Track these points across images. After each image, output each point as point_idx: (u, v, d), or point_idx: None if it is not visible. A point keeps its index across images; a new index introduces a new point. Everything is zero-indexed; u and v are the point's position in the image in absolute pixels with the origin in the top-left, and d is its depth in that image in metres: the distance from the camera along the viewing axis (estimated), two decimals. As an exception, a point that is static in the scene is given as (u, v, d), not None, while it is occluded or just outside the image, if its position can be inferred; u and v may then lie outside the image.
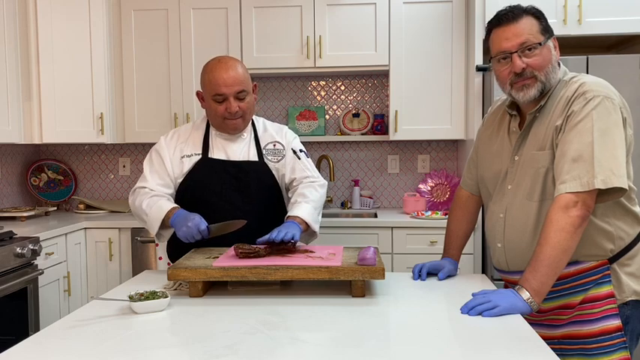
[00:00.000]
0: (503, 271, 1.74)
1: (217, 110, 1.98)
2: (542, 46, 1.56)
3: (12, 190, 3.57)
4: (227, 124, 2.01)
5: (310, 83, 3.73)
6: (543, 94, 1.59)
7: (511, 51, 1.57)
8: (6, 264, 2.41)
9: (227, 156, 2.05)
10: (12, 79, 3.01)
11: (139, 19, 3.43)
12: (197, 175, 2.03)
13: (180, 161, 2.04)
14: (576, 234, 1.46)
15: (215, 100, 1.97)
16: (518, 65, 1.56)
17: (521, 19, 1.57)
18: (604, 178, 1.44)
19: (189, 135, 2.09)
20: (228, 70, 1.95)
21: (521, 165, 1.63)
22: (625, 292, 1.56)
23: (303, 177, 2.10)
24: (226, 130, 2.04)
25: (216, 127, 2.06)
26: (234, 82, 1.94)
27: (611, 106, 1.49)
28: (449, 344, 1.27)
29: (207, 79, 1.97)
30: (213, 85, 1.95)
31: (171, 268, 1.64)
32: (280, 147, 2.12)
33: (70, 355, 1.22)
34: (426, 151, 3.67)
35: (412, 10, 3.27)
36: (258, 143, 2.10)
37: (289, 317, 1.44)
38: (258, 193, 2.05)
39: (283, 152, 2.11)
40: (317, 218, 2.03)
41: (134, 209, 2.05)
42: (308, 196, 2.02)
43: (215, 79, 1.94)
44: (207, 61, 2.02)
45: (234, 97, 1.96)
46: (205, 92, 2.01)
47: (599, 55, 2.79)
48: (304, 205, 1.99)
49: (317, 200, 2.04)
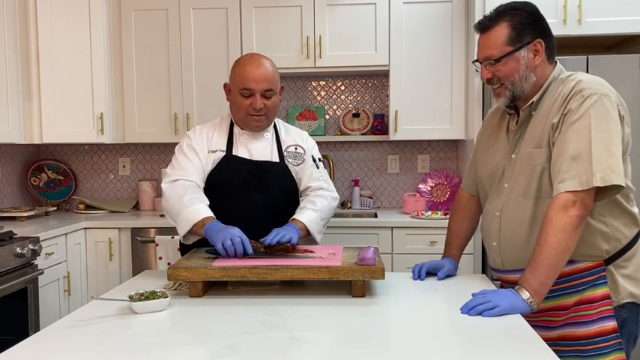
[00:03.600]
0: (499, 270, 1.74)
1: (242, 104, 1.99)
2: (507, 58, 1.58)
3: (12, 190, 3.57)
4: (250, 119, 2.01)
5: (310, 83, 3.73)
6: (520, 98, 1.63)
7: (480, 60, 1.64)
8: (6, 264, 2.41)
9: (250, 154, 2.06)
10: (12, 79, 3.01)
11: (139, 19, 3.43)
12: (220, 172, 2.03)
13: (207, 155, 2.04)
14: (575, 233, 1.46)
15: (242, 94, 1.98)
16: (484, 75, 1.65)
17: (493, 29, 1.60)
18: (602, 176, 1.44)
19: (215, 131, 2.09)
20: (260, 67, 1.97)
21: (517, 163, 1.63)
22: (621, 294, 1.56)
23: (318, 187, 2.12)
24: (248, 127, 2.05)
25: (239, 122, 2.07)
26: (264, 79, 1.96)
27: (609, 104, 1.49)
28: (449, 344, 1.27)
29: (238, 72, 1.99)
30: (243, 79, 1.97)
31: (171, 268, 1.64)
32: (301, 151, 2.13)
33: (70, 355, 1.22)
34: (426, 151, 3.67)
35: (412, 10, 3.27)
36: (279, 145, 2.10)
37: (289, 317, 1.44)
38: (278, 194, 2.05)
39: (304, 156, 2.12)
40: (321, 228, 2.04)
41: (167, 200, 1.95)
42: (317, 204, 2.04)
43: (245, 73, 1.96)
44: (240, 56, 2.06)
45: (261, 94, 1.97)
46: (233, 85, 2.02)
47: (599, 55, 2.79)
48: (310, 212, 2.00)
49: (325, 211, 2.05)
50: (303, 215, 1.98)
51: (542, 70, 1.61)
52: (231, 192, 2.02)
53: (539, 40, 1.59)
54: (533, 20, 1.59)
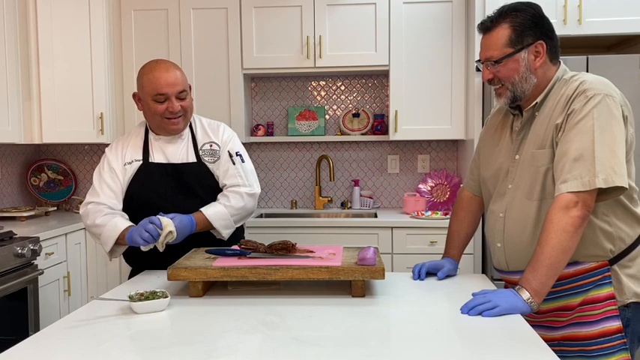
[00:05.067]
0: (503, 271, 1.74)
1: (157, 110, 1.98)
2: (507, 59, 1.58)
3: (12, 190, 3.56)
4: (167, 123, 2.00)
5: (310, 83, 3.73)
6: (520, 99, 1.63)
7: (482, 61, 1.65)
8: (6, 264, 2.41)
9: (166, 159, 2.05)
10: (12, 79, 3.01)
11: (139, 19, 3.43)
12: (139, 181, 2.03)
13: (124, 169, 2.04)
14: (576, 234, 1.46)
15: (156, 100, 1.97)
16: (485, 75, 1.66)
17: (494, 30, 1.61)
18: (605, 177, 1.44)
19: (129, 142, 2.09)
20: (169, 71, 1.98)
21: (521, 164, 1.63)
22: (626, 294, 1.56)
23: (233, 184, 2.07)
24: (166, 131, 2.04)
25: (155, 128, 2.06)
26: (176, 82, 1.97)
27: (612, 104, 1.49)
28: (449, 344, 1.27)
29: (147, 79, 1.98)
30: (155, 85, 1.96)
31: (172, 268, 1.64)
32: (216, 147, 2.09)
33: (70, 355, 1.22)
34: (426, 151, 3.67)
35: (412, 10, 3.27)
36: (195, 144, 2.09)
37: (289, 317, 1.44)
38: (200, 194, 2.05)
39: (219, 153, 2.09)
40: (230, 224, 2.03)
41: (87, 226, 2.02)
42: (231, 200, 2.03)
43: (156, 78, 1.96)
44: (144, 64, 2.04)
45: (176, 96, 1.97)
46: (144, 93, 2.00)
47: (599, 55, 2.79)
48: (220, 207, 2.00)
49: (238, 207, 2.03)
50: (210, 209, 1.99)
51: (544, 71, 1.61)
52: (154, 198, 2.01)
53: (540, 42, 1.58)
54: (535, 22, 1.59)
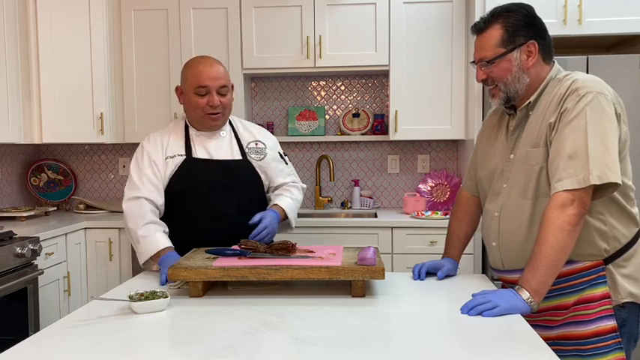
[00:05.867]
0: (499, 270, 1.75)
1: (198, 104, 2.02)
2: (499, 59, 1.60)
3: (12, 190, 3.57)
4: (206, 118, 2.04)
5: (310, 83, 3.73)
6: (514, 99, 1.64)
7: (475, 62, 1.67)
8: (6, 264, 2.41)
9: (210, 155, 2.07)
10: (12, 79, 3.01)
11: (139, 19, 3.43)
12: (182, 175, 2.03)
13: (165, 162, 2.04)
14: (574, 232, 1.46)
15: (197, 93, 2.01)
16: (478, 76, 1.68)
17: (487, 31, 1.62)
18: (599, 174, 1.44)
19: (170, 136, 2.09)
20: (213, 65, 2.03)
21: (515, 163, 1.64)
22: (621, 294, 1.56)
23: (292, 181, 2.27)
24: (206, 126, 2.07)
25: (195, 123, 2.09)
26: (218, 76, 2.02)
27: (605, 102, 1.50)
28: (449, 344, 1.27)
29: (191, 72, 2.03)
30: (197, 78, 2.00)
31: (172, 268, 1.64)
32: (262, 146, 2.17)
33: (70, 355, 1.22)
34: (426, 151, 3.67)
35: (412, 10, 3.27)
36: (239, 142, 2.13)
37: (289, 317, 1.44)
38: (244, 190, 2.08)
39: (265, 151, 2.16)
40: (295, 215, 2.21)
41: (128, 229, 2.01)
42: (294, 194, 2.22)
43: (199, 72, 2.01)
44: (189, 59, 2.09)
45: (217, 91, 2.01)
46: (187, 86, 2.04)
47: (599, 55, 2.79)
48: (287, 198, 2.17)
49: (299, 200, 2.26)
50: (282, 201, 2.14)
51: (536, 71, 1.61)
52: (196, 195, 2.02)
53: (532, 42, 1.59)
54: (527, 22, 1.60)
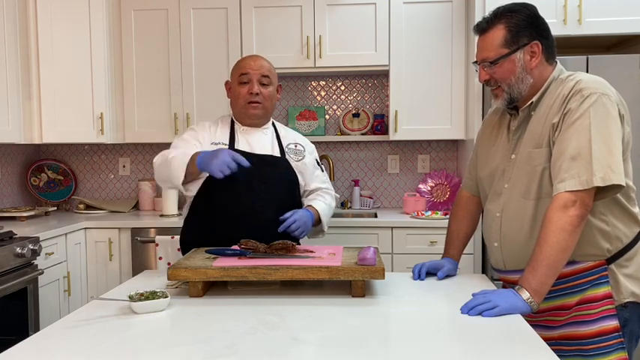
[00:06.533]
0: (501, 271, 1.74)
1: (240, 93, 2.11)
2: (502, 60, 1.59)
3: (12, 190, 3.57)
4: (247, 107, 2.11)
5: (310, 83, 3.73)
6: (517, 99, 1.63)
7: (478, 62, 1.66)
8: (6, 264, 2.41)
9: (251, 149, 2.14)
10: (12, 79, 3.01)
11: (139, 19, 3.43)
12: None
13: (210, 146, 2.09)
14: (575, 233, 1.46)
15: (240, 81, 2.11)
16: (481, 77, 1.66)
17: (490, 31, 1.61)
18: (603, 176, 1.44)
19: (218, 126, 2.19)
20: (258, 58, 2.17)
21: (517, 163, 1.63)
22: (623, 294, 1.56)
23: (326, 187, 2.31)
24: (247, 116, 2.14)
25: (238, 114, 2.17)
26: (261, 66, 2.12)
27: (609, 103, 1.49)
28: (449, 344, 1.27)
29: (236, 65, 2.17)
30: (240, 67, 2.14)
31: (171, 268, 1.64)
32: (301, 148, 2.26)
33: (70, 355, 1.22)
34: (426, 151, 3.67)
35: (412, 10, 3.27)
36: (280, 141, 2.21)
37: (289, 317, 1.44)
38: (280, 186, 2.13)
39: (304, 153, 2.25)
40: (328, 220, 2.23)
41: (158, 166, 2.04)
42: (327, 199, 2.27)
43: (244, 62, 2.16)
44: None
45: (258, 80, 2.10)
46: (233, 78, 2.16)
47: (599, 55, 2.79)
48: (322, 203, 2.21)
49: (332, 207, 2.30)
50: (317, 204, 2.18)
51: (539, 71, 1.61)
52: (235, 182, 2.04)
53: (535, 42, 1.59)
54: (530, 22, 1.59)
